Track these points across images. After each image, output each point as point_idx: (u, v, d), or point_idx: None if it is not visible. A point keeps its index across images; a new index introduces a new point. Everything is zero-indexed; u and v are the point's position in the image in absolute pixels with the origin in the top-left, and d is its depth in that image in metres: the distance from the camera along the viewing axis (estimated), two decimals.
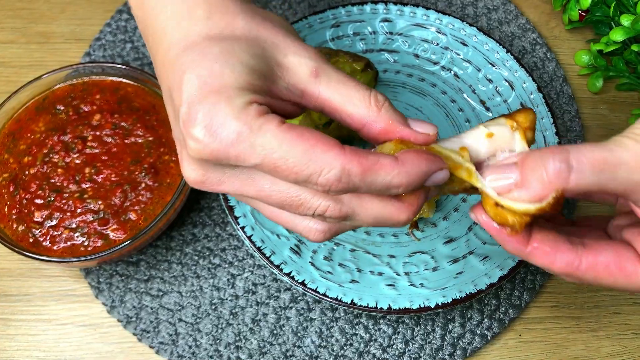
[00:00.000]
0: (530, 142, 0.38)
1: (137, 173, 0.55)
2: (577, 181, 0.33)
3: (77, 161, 0.55)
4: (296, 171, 0.31)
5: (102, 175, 0.54)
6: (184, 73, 0.33)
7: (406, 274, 0.56)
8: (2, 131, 0.58)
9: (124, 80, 0.60)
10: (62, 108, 0.58)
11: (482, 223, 0.37)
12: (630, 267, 0.36)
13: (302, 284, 0.54)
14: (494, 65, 0.66)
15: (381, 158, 0.32)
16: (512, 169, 0.35)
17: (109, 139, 0.56)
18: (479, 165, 0.37)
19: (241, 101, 0.32)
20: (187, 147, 0.33)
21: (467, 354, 0.56)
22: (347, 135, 0.61)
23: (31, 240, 0.53)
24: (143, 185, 0.54)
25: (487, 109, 0.65)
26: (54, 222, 0.53)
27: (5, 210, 0.54)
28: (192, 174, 0.35)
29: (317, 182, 0.32)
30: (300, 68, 0.36)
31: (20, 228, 0.53)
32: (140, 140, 0.56)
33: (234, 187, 0.35)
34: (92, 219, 0.53)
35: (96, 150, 0.56)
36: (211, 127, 0.32)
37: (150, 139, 0.56)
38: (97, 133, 0.56)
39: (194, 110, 0.32)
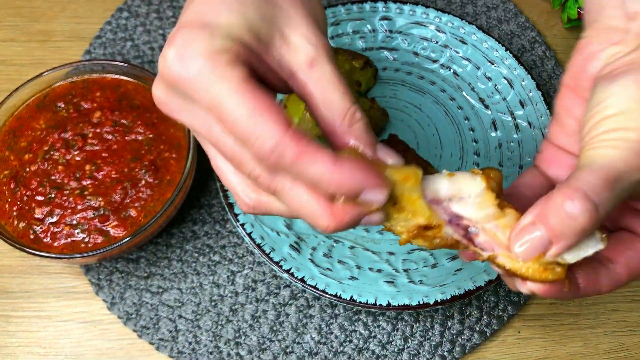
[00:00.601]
0: (495, 192, 0.36)
1: (137, 170, 0.55)
2: (605, 210, 0.33)
3: (78, 158, 0.55)
4: (236, 129, 0.31)
5: (102, 172, 0.55)
6: (193, 1, 0.35)
7: (405, 270, 0.57)
8: (3, 128, 0.58)
9: (124, 78, 0.60)
10: (62, 105, 0.58)
11: (537, 292, 0.36)
12: None
13: (302, 280, 0.54)
14: (493, 63, 0.67)
15: (321, 151, 0.31)
16: (531, 229, 0.34)
17: (109, 137, 0.56)
18: (436, 201, 0.36)
19: (220, 43, 0.32)
20: (159, 63, 0.34)
21: (466, 351, 0.56)
22: None
23: (32, 236, 0.53)
24: (143, 182, 0.55)
25: (486, 107, 0.66)
26: (54, 219, 0.53)
27: (6, 207, 0.54)
28: (157, 91, 0.35)
29: (252, 146, 0.31)
30: (300, 50, 0.36)
31: (21, 225, 0.53)
32: (140, 138, 0.56)
33: (189, 119, 0.35)
34: (92, 215, 0.53)
35: (96, 148, 0.56)
36: (182, 54, 0.32)
37: (151, 136, 0.57)
38: (98, 130, 0.56)
39: (178, 33, 0.33)
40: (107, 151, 0.56)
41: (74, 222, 0.53)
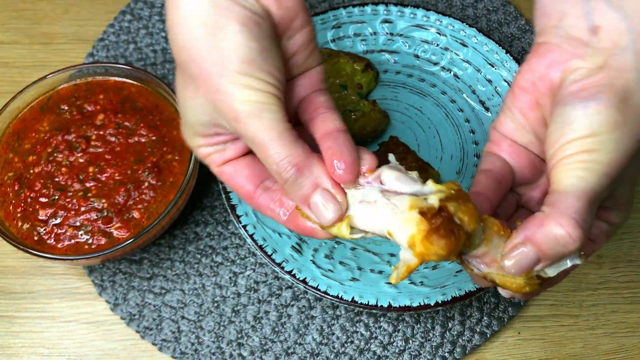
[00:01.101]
0: (444, 193, 0.36)
1: (140, 172, 0.55)
2: (588, 232, 0.35)
3: (81, 160, 0.56)
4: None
5: (105, 174, 0.55)
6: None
7: None
8: (7, 130, 0.58)
9: (128, 81, 0.60)
10: (66, 108, 0.59)
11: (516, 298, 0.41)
12: None
13: (304, 282, 0.55)
14: (493, 66, 0.67)
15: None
16: (521, 248, 0.36)
17: (113, 139, 0.57)
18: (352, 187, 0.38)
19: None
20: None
21: (467, 352, 0.57)
22: None
23: (36, 238, 0.53)
24: (146, 184, 0.55)
25: (487, 109, 0.66)
26: (58, 221, 0.54)
27: (10, 208, 0.55)
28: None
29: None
30: (231, 113, 0.38)
31: (25, 226, 0.54)
32: (143, 140, 0.57)
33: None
34: (95, 217, 0.54)
35: (100, 150, 0.56)
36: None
37: (154, 138, 0.57)
38: (101, 132, 0.57)
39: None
40: (111, 153, 0.56)
41: (78, 223, 0.54)
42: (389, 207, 0.36)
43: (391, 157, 0.40)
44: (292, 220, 0.41)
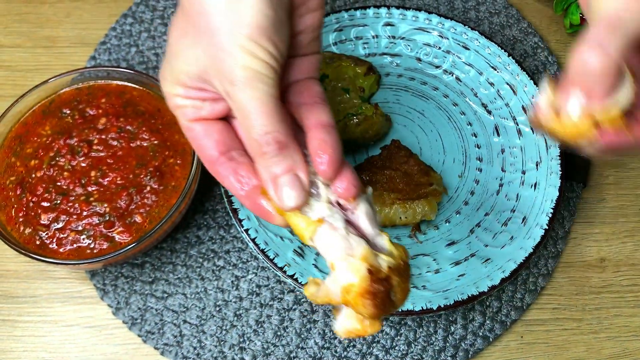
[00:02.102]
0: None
1: (142, 176, 0.55)
2: (614, 51, 0.36)
3: (83, 164, 0.56)
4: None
5: (107, 179, 0.55)
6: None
7: None
8: (9, 135, 0.58)
9: (130, 84, 0.60)
10: (68, 112, 0.59)
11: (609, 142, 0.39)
12: None
13: None
14: (495, 69, 0.67)
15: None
16: (567, 91, 0.38)
17: (115, 143, 0.57)
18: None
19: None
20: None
21: (469, 356, 0.56)
22: (350, 139, 0.61)
23: (38, 242, 0.53)
24: (148, 188, 0.55)
25: (489, 112, 0.66)
26: (60, 225, 0.54)
27: (12, 213, 0.55)
28: None
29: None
30: (227, 73, 0.37)
31: (27, 230, 0.54)
32: (145, 144, 0.57)
33: None
34: (97, 221, 0.54)
35: (102, 154, 0.56)
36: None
37: (156, 142, 0.57)
38: (103, 136, 0.57)
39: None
40: (113, 157, 0.56)
41: (80, 228, 0.54)
42: (345, 243, 0.37)
43: (369, 190, 0.41)
44: (249, 196, 0.41)
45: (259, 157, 0.38)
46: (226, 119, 0.42)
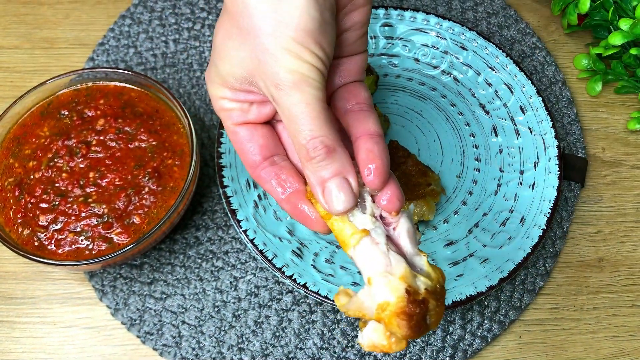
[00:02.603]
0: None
1: (140, 177, 0.55)
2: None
3: (82, 166, 0.56)
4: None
5: (106, 180, 0.55)
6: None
7: None
8: (7, 136, 0.58)
9: (128, 85, 0.60)
10: (66, 113, 0.59)
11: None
12: None
13: (304, 286, 0.55)
14: (493, 69, 0.67)
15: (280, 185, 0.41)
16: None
17: (113, 144, 0.57)
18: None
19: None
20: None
21: (468, 356, 0.56)
22: None
23: (36, 243, 0.53)
24: (147, 189, 0.55)
25: (487, 113, 0.66)
26: (58, 226, 0.54)
27: (11, 214, 0.55)
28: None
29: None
30: (271, 78, 0.37)
31: (26, 232, 0.54)
32: (143, 145, 0.57)
33: None
34: (96, 222, 0.54)
35: (100, 155, 0.56)
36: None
37: (154, 143, 0.57)
38: (101, 138, 0.57)
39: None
40: (111, 158, 0.56)
41: (78, 229, 0.54)
42: (385, 259, 0.36)
43: (412, 207, 0.41)
44: (290, 200, 0.41)
45: (307, 161, 0.37)
46: (270, 122, 0.42)
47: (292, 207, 0.40)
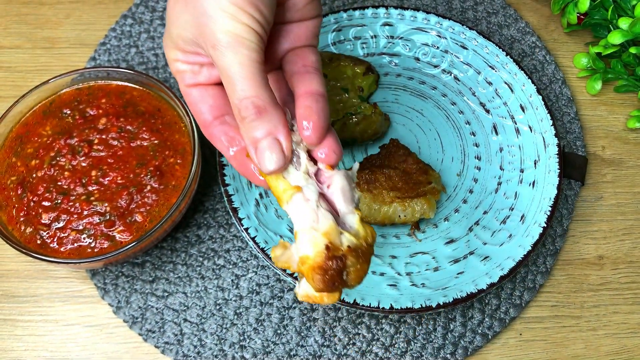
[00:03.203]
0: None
1: (142, 176, 0.56)
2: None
3: (84, 164, 0.56)
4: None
5: (108, 178, 0.55)
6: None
7: (408, 274, 0.57)
8: (9, 135, 0.59)
9: (130, 85, 0.61)
10: (68, 112, 0.59)
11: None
12: None
13: None
14: (493, 68, 0.67)
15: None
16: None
17: (115, 142, 0.57)
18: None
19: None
20: None
21: (469, 353, 0.57)
22: (349, 138, 0.62)
23: (39, 242, 0.54)
24: (149, 187, 0.55)
25: (487, 111, 0.66)
26: (61, 224, 0.54)
27: (13, 212, 0.55)
28: None
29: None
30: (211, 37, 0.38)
31: (28, 230, 0.54)
32: (145, 144, 0.57)
33: None
34: (98, 220, 0.54)
35: (102, 154, 0.56)
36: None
37: (156, 142, 0.57)
38: (103, 136, 0.57)
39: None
40: (113, 157, 0.56)
41: (80, 227, 0.54)
42: (312, 216, 0.37)
43: (355, 165, 0.42)
44: (237, 157, 0.42)
45: (240, 121, 0.39)
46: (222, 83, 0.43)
47: (238, 164, 0.42)
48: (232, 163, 0.43)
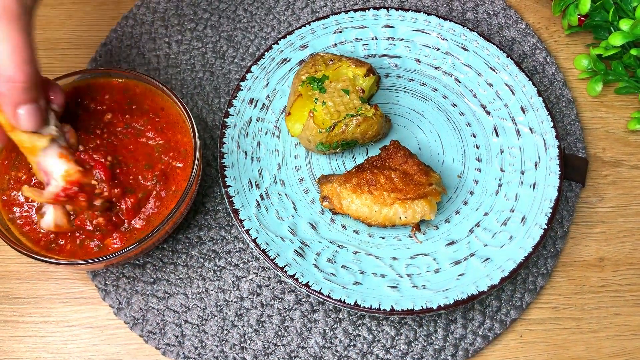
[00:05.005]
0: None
1: (147, 177, 0.55)
2: None
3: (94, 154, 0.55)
4: None
5: (111, 181, 0.55)
6: None
7: (409, 275, 0.57)
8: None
9: (132, 80, 0.60)
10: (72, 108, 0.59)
11: None
12: None
13: (306, 285, 0.55)
14: (494, 70, 0.67)
15: None
16: None
17: (122, 137, 0.57)
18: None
19: None
20: None
21: (469, 355, 0.57)
22: (350, 139, 0.62)
23: (40, 243, 0.53)
24: (152, 189, 0.55)
25: (488, 113, 0.66)
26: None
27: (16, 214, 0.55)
28: None
29: None
30: None
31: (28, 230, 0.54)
32: (151, 142, 0.57)
33: None
34: (100, 222, 0.54)
35: (115, 143, 0.56)
36: None
37: (161, 142, 0.57)
38: (111, 129, 0.57)
39: None
40: (125, 150, 0.56)
41: (82, 228, 0.54)
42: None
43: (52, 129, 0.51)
44: None
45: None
46: None
47: None
48: None
